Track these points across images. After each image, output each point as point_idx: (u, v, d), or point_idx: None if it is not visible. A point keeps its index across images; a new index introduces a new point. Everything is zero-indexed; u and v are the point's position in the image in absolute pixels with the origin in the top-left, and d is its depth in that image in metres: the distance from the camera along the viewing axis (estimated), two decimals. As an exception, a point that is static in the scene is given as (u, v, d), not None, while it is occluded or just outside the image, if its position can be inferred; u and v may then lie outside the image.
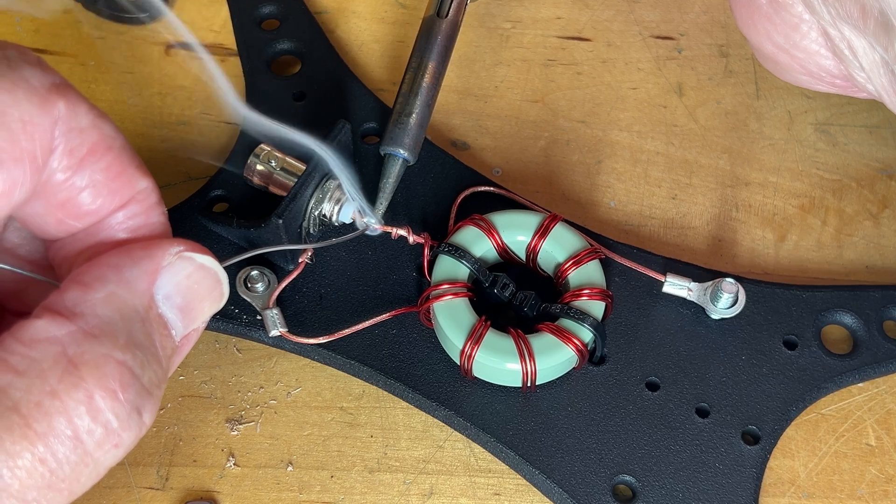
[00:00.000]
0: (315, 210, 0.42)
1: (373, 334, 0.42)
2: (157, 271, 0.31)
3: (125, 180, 0.33)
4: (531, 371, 0.40)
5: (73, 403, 0.28)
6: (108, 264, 0.31)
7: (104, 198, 0.32)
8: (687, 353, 0.42)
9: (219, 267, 0.34)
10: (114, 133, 0.32)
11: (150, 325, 0.31)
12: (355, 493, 0.40)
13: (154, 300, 0.31)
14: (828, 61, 0.41)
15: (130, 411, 0.29)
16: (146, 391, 0.30)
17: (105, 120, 0.32)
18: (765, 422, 0.41)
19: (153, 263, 0.32)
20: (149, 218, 0.34)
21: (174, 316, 0.32)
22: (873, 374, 0.43)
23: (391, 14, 0.53)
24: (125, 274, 0.31)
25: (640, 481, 0.39)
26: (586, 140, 0.49)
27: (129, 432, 0.29)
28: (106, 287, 0.30)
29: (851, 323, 0.43)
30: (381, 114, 0.48)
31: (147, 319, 0.31)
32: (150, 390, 0.30)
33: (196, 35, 0.52)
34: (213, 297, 0.34)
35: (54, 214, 0.32)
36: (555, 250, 0.42)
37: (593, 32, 0.53)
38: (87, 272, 0.31)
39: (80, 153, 0.31)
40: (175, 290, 0.32)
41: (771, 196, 0.48)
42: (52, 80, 0.30)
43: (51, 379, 0.28)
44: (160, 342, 0.31)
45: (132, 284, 0.31)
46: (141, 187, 0.33)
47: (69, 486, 0.28)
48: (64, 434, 0.28)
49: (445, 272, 0.42)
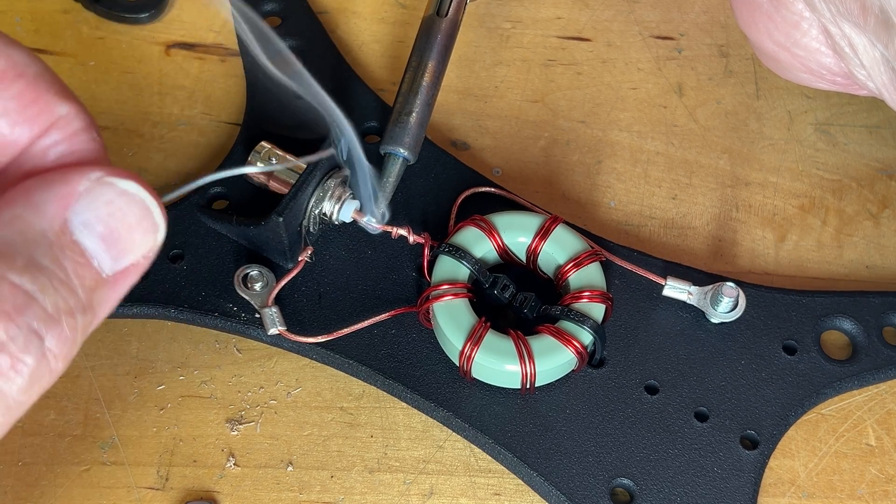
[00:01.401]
0: (315, 208, 0.42)
1: (372, 334, 0.42)
2: (70, 196, 0.30)
3: (42, 106, 0.31)
4: (530, 373, 0.39)
5: None
6: (21, 188, 0.30)
7: (19, 126, 0.31)
8: (686, 357, 0.42)
9: (146, 193, 0.31)
10: (27, 60, 0.31)
11: (61, 251, 0.29)
12: (355, 493, 0.40)
13: (68, 226, 0.30)
14: (828, 59, 0.41)
15: (28, 334, 0.28)
16: (48, 316, 0.29)
17: (15, 48, 0.31)
18: (763, 427, 0.41)
19: (67, 188, 0.30)
20: (74, 144, 0.32)
21: (95, 245, 0.30)
22: (872, 380, 0.43)
23: (391, 14, 0.53)
24: (34, 198, 0.30)
25: (638, 485, 0.39)
26: (586, 140, 0.49)
27: (29, 356, 0.28)
28: (12, 210, 0.29)
29: (851, 329, 0.43)
30: (382, 113, 0.48)
31: (56, 244, 0.29)
32: (55, 316, 0.29)
33: (197, 35, 0.52)
34: (143, 227, 0.31)
35: None
36: (555, 252, 0.42)
37: (593, 32, 0.53)
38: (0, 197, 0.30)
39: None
40: (95, 218, 0.30)
41: (771, 196, 0.48)
42: None
43: None
44: (74, 269, 0.30)
45: (40, 208, 0.29)
46: (61, 112, 0.31)
47: None
48: None
49: (445, 273, 0.41)
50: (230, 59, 0.51)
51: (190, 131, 0.49)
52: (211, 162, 0.47)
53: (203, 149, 0.48)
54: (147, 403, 0.42)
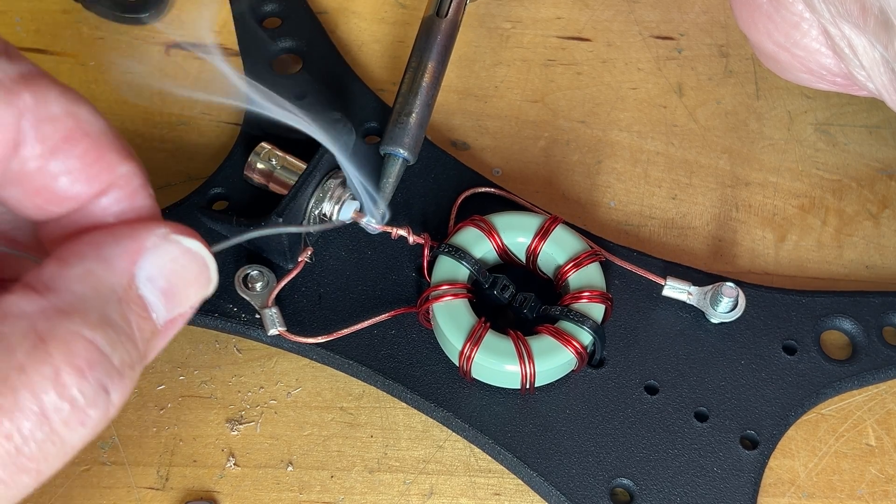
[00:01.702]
0: (315, 209, 0.42)
1: (372, 334, 0.42)
2: (139, 251, 0.31)
3: (104, 165, 0.32)
4: (530, 373, 0.39)
5: (40, 379, 0.28)
6: (90, 242, 0.31)
7: (82, 183, 0.32)
8: (686, 357, 0.42)
9: (206, 252, 0.33)
10: (92, 118, 0.32)
11: (127, 306, 0.30)
12: (355, 493, 0.40)
13: (134, 280, 0.31)
14: (828, 59, 0.41)
15: (97, 389, 0.29)
16: (115, 370, 0.29)
17: (81, 105, 0.31)
18: (763, 426, 0.41)
19: (135, 243, 0.31)
20: (133, 202, 0.33)
21: (156, 299, 0.31)
22: (872, 380, 0.43)
23: (391, 14, 0.53)
24: (105, 252, 0.30)
25: (638, 485, 0.39)
26: (586, 140, 0.49)
27: (95, 410, 0.29)
28: (83, 264, 0.30)
29: (851, 329, 0.43)
30: (383, 113, 0.47)
31: (124, 299, 0.30)
32: (120, 370, 0.30)
33: (196, 35, 0.52)
34: (199, 283, 0.33)
35: (32, 200, 0.32)
36: (555, 252, 0.42)
37: (593, 32, 0.53)
38: (68, 249, 0.30)
39: (52, 141, 0.31)
40: (158, 273, 0.31)
41: (771, 196, 0.48)
42: (18, 71, 0.30)
43: (18, 353, 0.28)
44: (137, 323, 0.31)
45: (111, 263, 0.30)
46: (122, 171, 0.32)
47: (36, 464, 0.28)
48: (30, 409, 0.28)
49: (445, 273, 0.41)
50: (230, 60, 0.51)
51: (190, 131, 0.49)
52: (211, 162, 0.47)
53: (203, 149, 0.48)
54: (147, 403, 0.42)
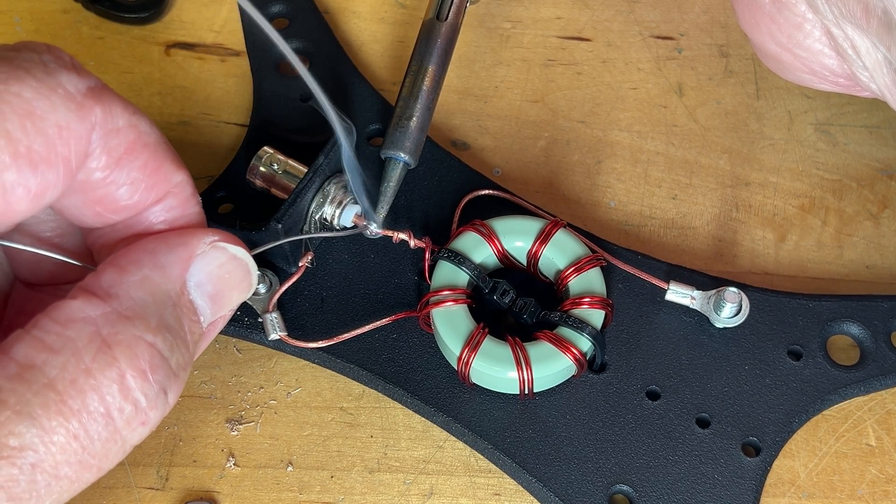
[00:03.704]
0: (316, 214, 0.42)
1: (372, 338, 0.42)
2: (190, 258, 0.33)
3: (162, 175, 0.33)
4: (528, 379, 0.39)
5: (106, 382, 0.29)
6: (145, 249, 0.32)
7: (141, 193, 0.33)
8: (689, 362, 0.42)
9: (250, 258, 0.35)
10: (149, 129, 0.33)
11: (181, 310, 0.32)
12: (355, 493, 0.40)
13: (186, 286, 0.32)
14: (831, 60, 0.41)
15: (158, 391, 0.30)
16: (173, 373, 0.31)
17: (141, 117, 0.33)
18: (766, 433, 0.40)
19: (187, 251, 0.33)
20: (185, 209, 0.35)
21: (204, 303, 0.33)
22: (879, 386, 0.42)
23: (391, 14, 0.53)
24: (160, 259, 0.32)
25: (638, 491, 0.39)
26: (586, 140, 0.49)
27: (155, 411, 0.30)
28: (141, 271, 0.31)
29: (858, 334, 0.43)
30: (388, 115, 0.47)
31: (178, 304, 0.32)
32: (176, 372, 0.31)
33: (197, 35, 0.52)
34: (241, 287, 0.35)
35: (92, 209, 0.33)
36: (556, 257, 0.42)
37: (593, 32, 0.53)
38: (124, 256, 0.32)
39: (117, 153, 0.32)
40: (207, 278, 0.33)
41: (771, 196, 0.48)
42: (87, 84, 0.31)
43: (85, 357, 0.29)
44: (189, 327, 0.32)
45: (166, 269, 0.32)
46: (177, 181, 0.34)
47: (98, 462, 0.29)
48: (97, 411, 0.29)
49: (445, 278, 0.41)
50: (230, 59, 0.51)
51: (190, 131, 0.49)
52: (211, 162, 0.47)
53: (202, 149, 0.48)
54: (147, 404, 0.42)
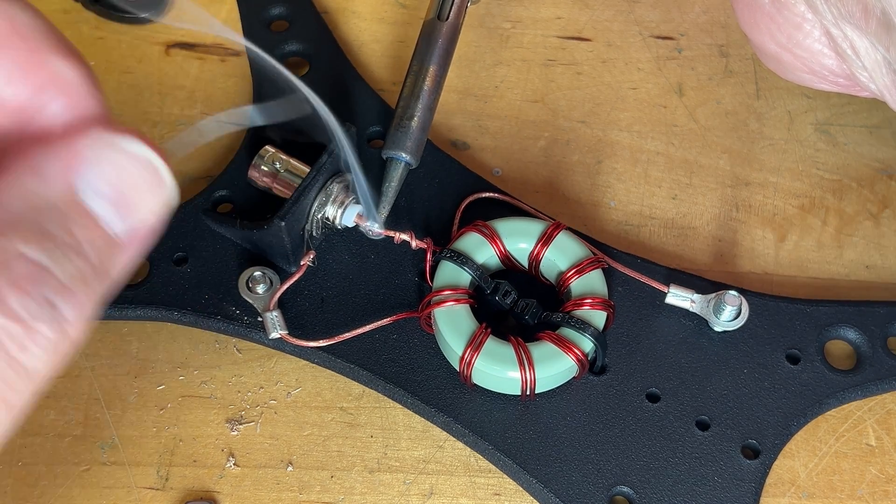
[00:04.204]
0: (318, 213, 0.42)
1: (373, 338, 0.42)
2: (76, 160, 0.30)
3: (36, 63, 0.30)
4: (530, 379, 0.39)
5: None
6: (22, 155, 0.29)
7: (12, 84, 0.30)
8: (688, 365, 0.42)
9: (152, 154, 0.31)
10: (30, 21, 0.30)
11: (69, 218, 0.29)
12: (355, 493, 0.40)
13: (75, 192, 0.29)
14: (830, 60, 0.41)
15: (41, 304, 0.28)
16: (62, 286, 0.28)
17: (18, 8, 0.30)
18: (765, 436, 0.40)
19: (70, 153, 0.30)
20: (79, 109, 0.31)
21: (104, 208, 0.30)
22: (876, 390, 0.42)
23: (391, 14, 0.53)
24: (38, 163, 0.29)
25: (638, 493, 0.39)
26: (586, 140, 0.49)
27: (44, 325, 0.28)
28: (17, 179, 0.29)
29: (855, 338, 0.43)
30: (388, 117, 0.47)
31: (65, 212, 0.29)
32: (68, 284, 0.29)
33: (197, 35, 0.52)
34: (153, 189, 0.31)
35: None
36: (557, 258, 0.42)
37: (593, 32, 0.53)
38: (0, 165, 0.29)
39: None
40: (103, 182, 0.30)
41: (771, 196, 0.48)
42: None
43: None
44: (84, 235, 0.29)
45: (45, 175, 0.29)
46: (63, 73, 0.31)
47: (3, 395, 0.27)
48: None
49: (447, 278, 0.41)
50: (230, 59, 0.51)
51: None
52: (210, 162, 0.47)
53: (202, 149, 0.48)
54: (147, 403, 0.42)
